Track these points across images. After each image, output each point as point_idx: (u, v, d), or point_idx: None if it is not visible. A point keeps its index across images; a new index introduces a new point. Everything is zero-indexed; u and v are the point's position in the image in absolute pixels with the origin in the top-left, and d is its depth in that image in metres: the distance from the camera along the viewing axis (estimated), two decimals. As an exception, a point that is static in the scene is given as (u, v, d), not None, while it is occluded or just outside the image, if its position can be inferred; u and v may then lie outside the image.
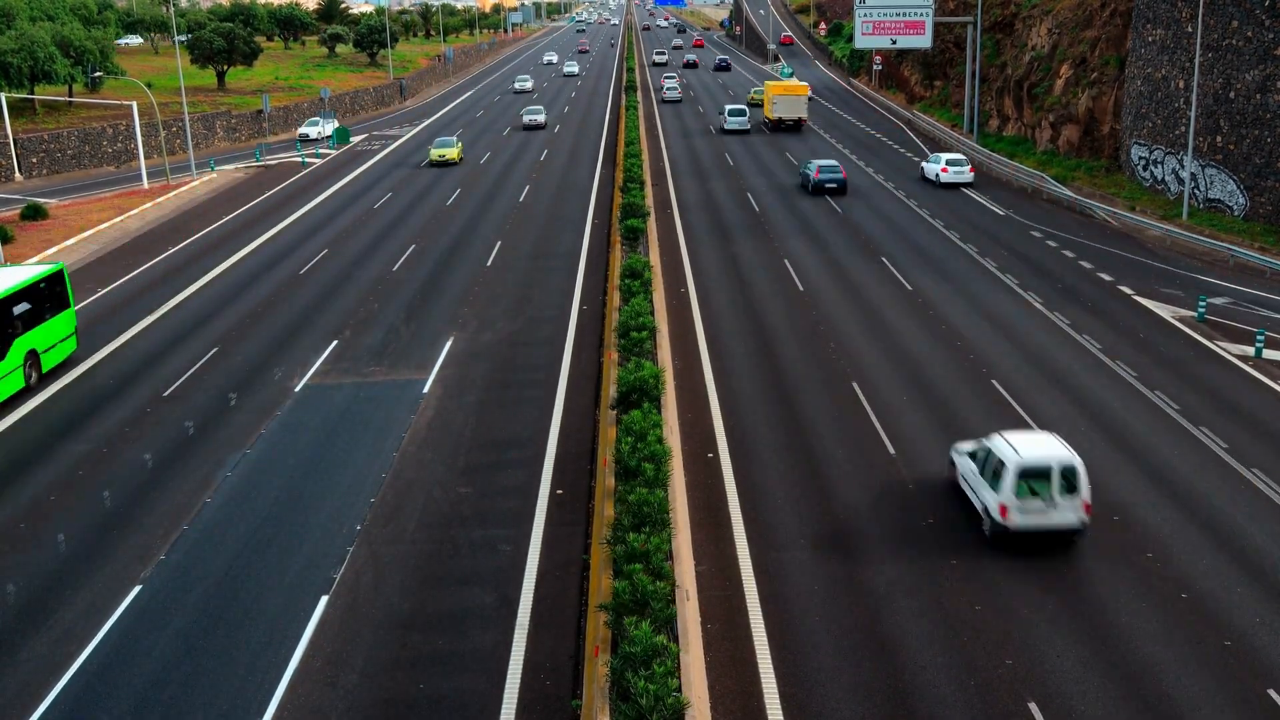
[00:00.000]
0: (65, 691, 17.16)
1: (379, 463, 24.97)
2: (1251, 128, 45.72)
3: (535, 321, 35.45)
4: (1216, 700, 16.48)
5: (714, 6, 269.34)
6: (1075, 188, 55.75)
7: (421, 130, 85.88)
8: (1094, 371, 30.14)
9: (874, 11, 72.06)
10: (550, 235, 47.84)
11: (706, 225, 49.28)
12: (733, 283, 39.67)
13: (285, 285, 40.73)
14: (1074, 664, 17.36)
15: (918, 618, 18.60)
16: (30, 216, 52.21)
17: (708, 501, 22.89)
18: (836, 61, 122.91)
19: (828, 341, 32.77)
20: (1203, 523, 21.78)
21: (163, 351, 33.40)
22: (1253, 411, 27.26)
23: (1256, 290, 38.48)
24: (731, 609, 18.98)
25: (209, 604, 19.46)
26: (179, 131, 75.27)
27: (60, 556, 21.30)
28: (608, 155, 68.98)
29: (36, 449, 26.51)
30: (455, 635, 18.36)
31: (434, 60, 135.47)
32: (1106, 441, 25.54)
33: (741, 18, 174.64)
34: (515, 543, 21.31)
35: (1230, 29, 46.49)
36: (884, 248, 44.64)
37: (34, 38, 73.29)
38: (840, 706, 16.46)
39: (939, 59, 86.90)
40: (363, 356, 32.31)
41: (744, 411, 27.61)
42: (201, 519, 22.60)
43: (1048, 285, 38.76)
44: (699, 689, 16.13)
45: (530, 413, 27.78)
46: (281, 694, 16.91)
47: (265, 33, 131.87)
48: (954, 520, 21.90)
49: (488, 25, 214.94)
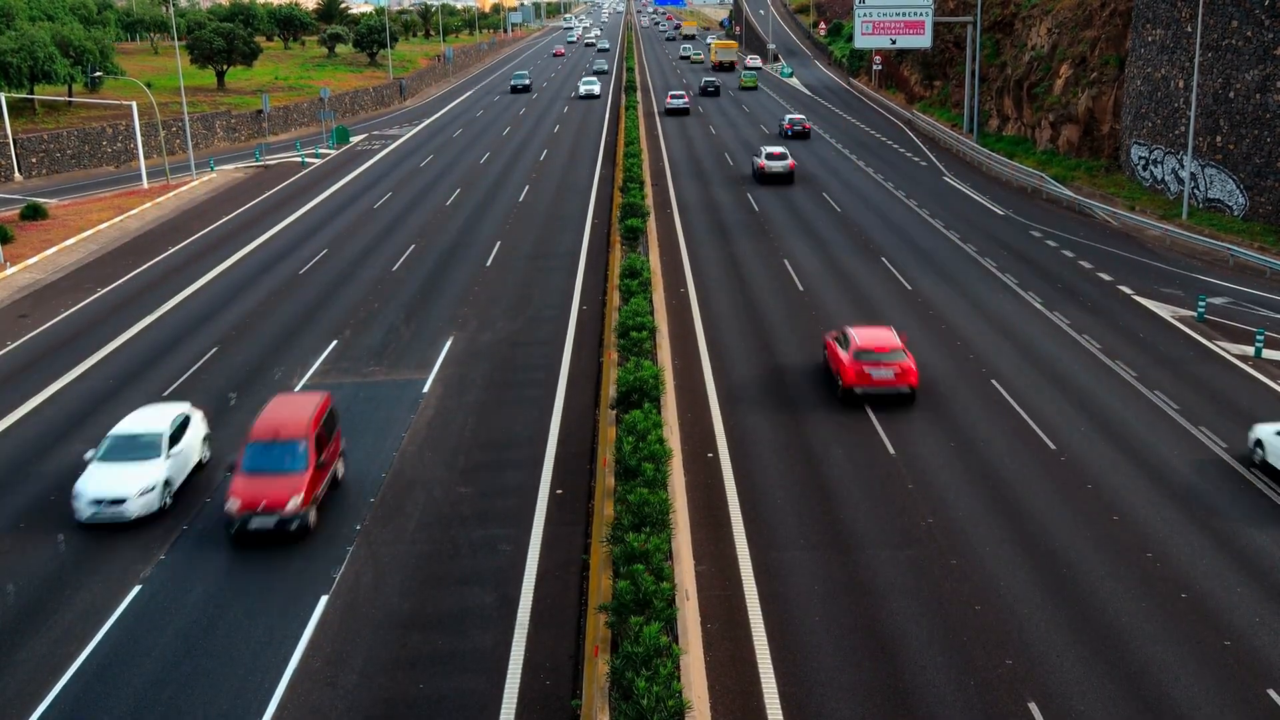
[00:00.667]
0: (65, 692, 17.16)
1: (379, 462, 24.96)
2: (1251, 128, 45.73)
3: (535, 321, 35.45)
4: (1216, 700, 16.49)
5: (714, 6, 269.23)
6: (1075, 187, 55.76)
7: (421, 130, 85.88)
8: (1094, 371, 30.14)
9: (874, 11, 72.07)
10: (550, 235, 47.84)
11: (706, 225, 49.28)
12: (732, 282, 39.67)
13: (285, 285, 40.73)
14: (1074, 664, 17.36)
15: (918, 618, 18.60)
16: (30, 216, 52.21)
17: (708, 501, 22.89)
18: (836, 61, 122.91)
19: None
20: (1202, 523, 21.78)
21: (163, 352, 33.39)
22: (1252, 411, 27.27)
23: (1256, 290, 38.50)
24: (731, 609, 18.99)
25: (209, 604, 19.46)
26: (179, 131, 75.27)
27: (60, 556, 21.30)
28: (607, 155, 68.99)
29: (36, 449, 26.50)
30: (455, 635, 18.36)
31: (434, 60, 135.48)
32: (1106, 441, 25.54)
33: (741, 18, 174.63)
34: (515, 542, 21.31)
35: (1230, 29, 46.50)
36: (883, 247, 44.64)
37: (34, 38, 73.27)
38: (840, 706, 16.46)
39: (939, 59, 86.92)
40: (363, 356, 32.31)
41: (744, 411, 27.61)
42: (201, 519, 22.59)
43: (1047, 285, 38.77)
44: (699, 689, 16.13)
45: (530, 413, 27.78)
46: (281, 694, 16.92)
47: (265, 33, 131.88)
48: (954, 520, 21.91)
49: (487, 25, 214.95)
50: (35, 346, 34.52)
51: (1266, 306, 36.41)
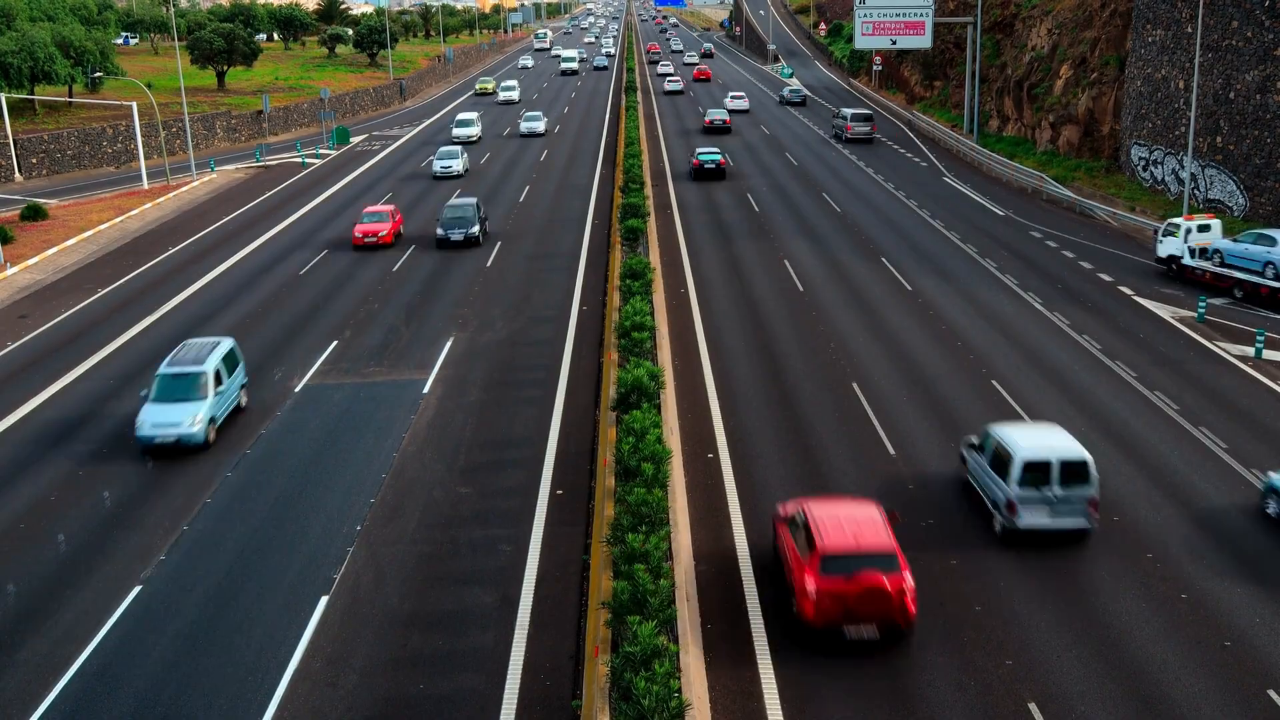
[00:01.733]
0: (65, 692, 17.17)
1: (379, 463, 24.97)
2: (1251, 128, 45.73)
3: (535, 321, 35.45)
4: (1216, 700, 16.49)
5: (714, 7, 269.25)
6: (1075, 188, 55.75)
7: (421, 130, 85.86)
8: (1094, 371, 30.15)
9: (874, 12, 72.06)
10: (550, 235, 47.84)
11: (706, 225, 49.28)
12: (732, 283, 39.67)
13: (285, 285, 40.73)
14: (1074, 664, 17.37)
15: (917, 618, 18.59)
16: (30, 217, 52.23)
17: (708, 501, 22.89)
18: (836, 62, 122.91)
19: (828, 341, 32.78)
20: (1203, 523, 21.78)
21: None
22: (1252, 411, 27.27)
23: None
24: (731, 609, 18.99)
25: (209, 604, 19.47)
26: (179, 132, 75.29)
27: (60, 556, 21.31)
28: (608, 155, 68.99)
29: (36, 449, 26.52)
30: (455, 635, 18.37)
31: (434, 61, 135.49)
32: (1106, 441, 25.54)
33: (741, 18, 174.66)
34: (515, 543, 21.32)
35: (1230, 29, 46.50)
36: (884, 248, 44.64)
37: (34, 38, 73.29)
38: (840, 706, 16.46)
39: (939, 59, 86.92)
40: (363, 357, 32.32)
41: (744, 412, 27.62)
42: (201, 519, 22.61)
43: (1047, 285, 38.76)
44: (699, 689, 16.14)
45: (530, 413, 27.79)
46: (281, 694, 16.92)
47: (265, 33, 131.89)
48: (954, 521, 21.91)
49: (488, 26, 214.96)
50: (35, 347, 34.54)
51: (1266, 307, 36.40)
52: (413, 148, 76.52)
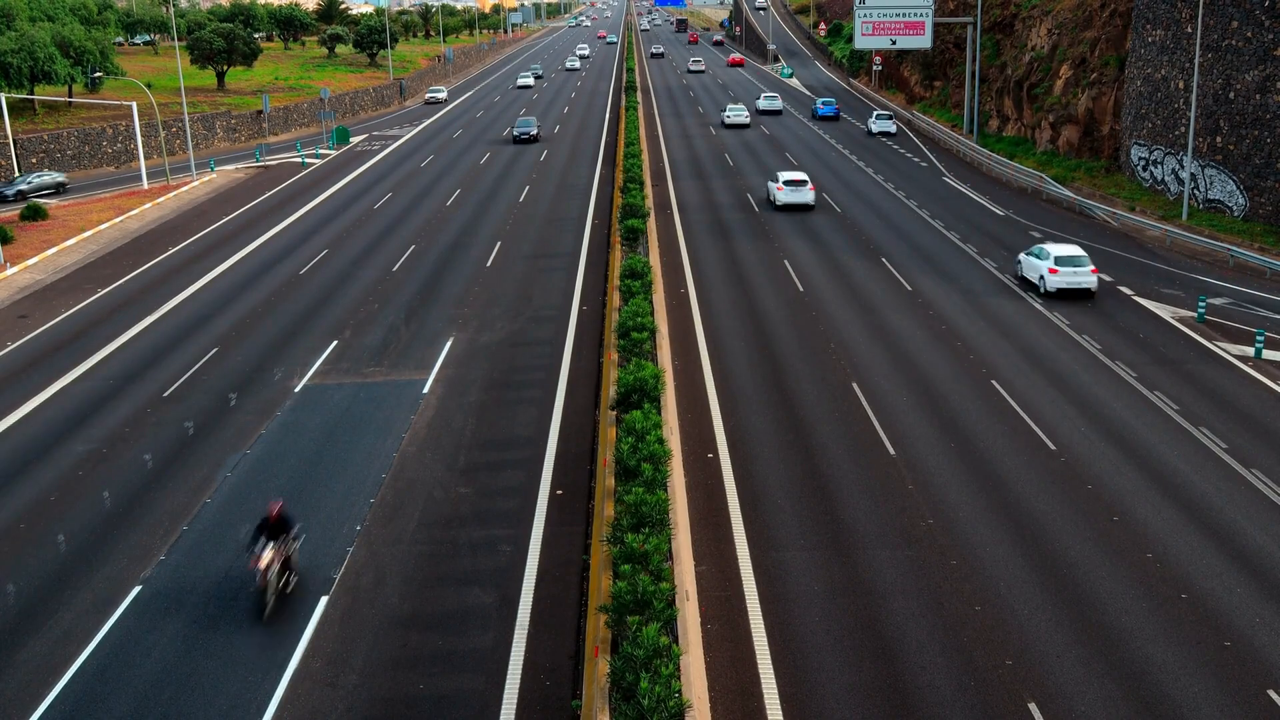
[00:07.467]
0: (65, 692, 17.16)
1: (379, 463, 24.97)
2: (1251, 128, 45.73)
3: (535, 321, 35.45)
4: (1216, 700, 16.48)
5: (714, 7, 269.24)
6: (1075, 188, 55.77)
7: (421, 131, 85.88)
8: (1093, 371, 30.15)
9: (874, 12, 72.10)
10: (550, 235, 47.85)
11: (706, 225, 49.28)
12: (732, 283, 39.68)
13: (285, 285, 40.74)
14: (1074, 664, 17.36)
15: (917, 618, 18.60)
16: (30, 217, 52.24)
17: (707, 502, 22.89)
18: (836, 62, 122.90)
19: (828, 342, 32.78)
20: (1203, 523, 21.78)
21: (163, 352, 33.40)
22: (1252, 412, 27.27)
23: (1256, 290, 38.50)
24: (731, 609, 18.98)
25: (209, 604, 19.46)
26: (179, 132, 75.28)
27: (60, 556, 21.31)
28: (607, 155, 68.99)
29: (36, 449, 26.52)
30: (455, 635, 18.36)
31: (434, 61, 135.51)
32: (1106, 441, 25.54)
33: (741, 18, 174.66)
34: (515, 543, 21.31)
35: (1230, 29, 46.49)
36: (884, 248, 44.65)
37: (34, 38, 73.30)
38: (840, 706, 16.46)
39: (939, 59, 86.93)
40: (363, 356, 32.31)
41: (744, 412, 27.61)
42: (201, 519, 22.61)
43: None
44: (699, 689, 16.14)
45: (530, 413, 27.79)
46: (281, 694, 16.91)
47: (265, 33, 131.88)
48: (954, 520, 21.91)
49: (487, 26, 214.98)
50: (35, 347, 34.54)
51: (1267, 307, 36.42)
52: (413, 148, 76.50)
